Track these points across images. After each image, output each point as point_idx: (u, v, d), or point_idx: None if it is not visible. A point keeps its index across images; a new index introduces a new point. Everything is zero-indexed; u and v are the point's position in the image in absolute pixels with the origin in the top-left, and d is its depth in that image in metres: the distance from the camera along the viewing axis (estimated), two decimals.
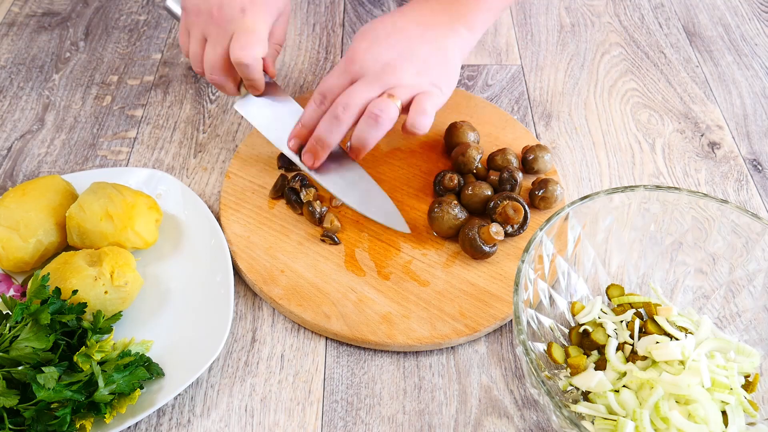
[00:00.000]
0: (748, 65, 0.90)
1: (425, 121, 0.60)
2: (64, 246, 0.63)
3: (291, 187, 0.68)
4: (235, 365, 0.59)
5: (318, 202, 0.66)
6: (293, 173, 0.70)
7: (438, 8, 0.65)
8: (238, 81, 0.67)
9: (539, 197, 0.67)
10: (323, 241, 0.65)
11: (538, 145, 0.71)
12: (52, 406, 0.50)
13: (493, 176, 0.69)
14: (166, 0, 0.70)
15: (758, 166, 0.78)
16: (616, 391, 0.52)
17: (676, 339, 0.54)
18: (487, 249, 0.63)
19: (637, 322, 0.56)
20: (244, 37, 0.62)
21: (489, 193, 0.67)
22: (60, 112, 0.80)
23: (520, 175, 0.68)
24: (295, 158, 0.66)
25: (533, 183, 0.69)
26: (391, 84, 0.60)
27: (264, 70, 0.65)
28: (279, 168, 0.71)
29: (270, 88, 0.68)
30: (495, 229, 0.62)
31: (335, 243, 0.65)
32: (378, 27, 0.63)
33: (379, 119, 0.59)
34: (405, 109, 0.61)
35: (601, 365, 0.55)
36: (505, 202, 0.65)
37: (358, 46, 0.62)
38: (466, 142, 0.71)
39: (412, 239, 0.66)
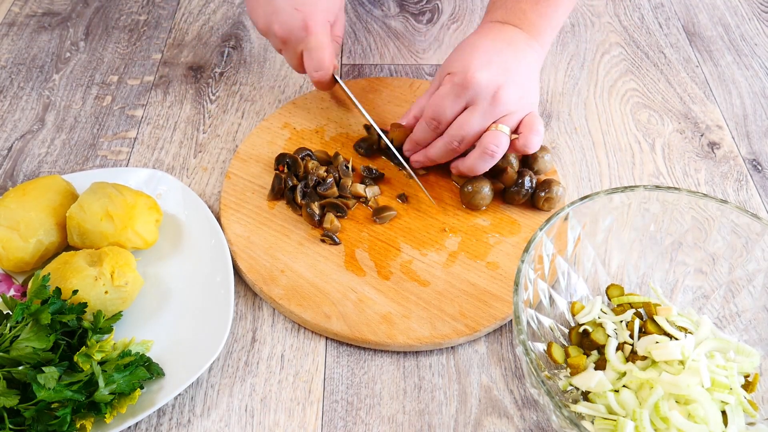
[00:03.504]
0: (748, 65, 0.90)
1: (538, 140, 0.65)
2: (65, 246, 0.63)
3: (292, 187, 0.68)
4: (235, 365, 0.59)
5: (317, 204, 0.66)
6: (285, 174, 0.69)
7: (512, 28, 0.68)
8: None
9: (543, 198, 0.67)
10: (323, 241, 0.65)
11: None
12: (52, 406, 0.50)
13: (510, 171, 0.68)
14: None
15: (758, 166, 0.78)
16: (616, 391, 0.52)
17: (676, 339, 0.54)
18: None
19: (637, 322, 0.56)
20: (315, 59, 0.68)
21: (488, 189, 0.67)
22: (60, 112, 0.80)
23: (534, 182, 0.68)
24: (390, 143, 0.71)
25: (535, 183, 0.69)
26: (502, 113, 0.64)
27: None
28: (276, 170, 0.71)
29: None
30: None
31: (335, 243, 0.65)
32: (479, 48, 0.65)
33: (495, 154, 0.64)
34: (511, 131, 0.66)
35: (601, 365, 0.55)
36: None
37: (467, 68, 0.63)
38: None
39: (412, 239, 0.66)
